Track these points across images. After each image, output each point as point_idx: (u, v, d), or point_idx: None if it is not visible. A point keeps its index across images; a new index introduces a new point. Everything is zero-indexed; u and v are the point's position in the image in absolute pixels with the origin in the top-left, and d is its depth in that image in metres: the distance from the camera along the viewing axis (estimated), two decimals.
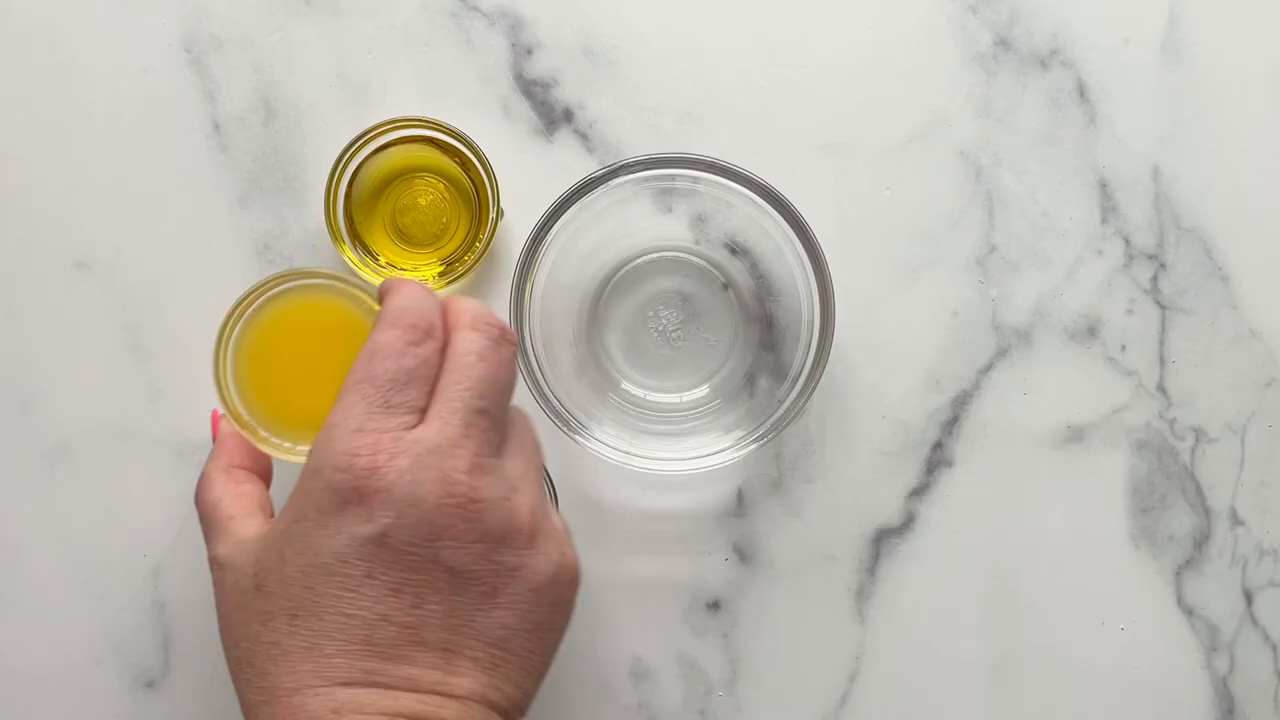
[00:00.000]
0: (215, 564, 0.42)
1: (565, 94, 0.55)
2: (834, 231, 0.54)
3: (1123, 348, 0.55)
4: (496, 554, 0.38)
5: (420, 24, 0.54)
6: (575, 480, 0.54)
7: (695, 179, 0.50)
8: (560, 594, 0.40)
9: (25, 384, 0.54)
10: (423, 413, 0.39)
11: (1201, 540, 0.55)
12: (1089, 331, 0.55)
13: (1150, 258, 0.55)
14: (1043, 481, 0.55)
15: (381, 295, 0.43)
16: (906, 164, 0.55)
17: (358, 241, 0.53)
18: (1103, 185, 0.55)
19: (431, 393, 0.40)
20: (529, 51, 0.54)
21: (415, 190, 0.54)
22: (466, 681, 0.38)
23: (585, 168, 0.53)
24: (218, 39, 0.54)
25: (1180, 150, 0.55)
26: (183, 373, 0.54)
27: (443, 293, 0.54)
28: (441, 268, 0.53)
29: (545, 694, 0.54)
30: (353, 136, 0.52)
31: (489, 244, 0.52)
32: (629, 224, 0.53)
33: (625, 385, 0.55)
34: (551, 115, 0.55)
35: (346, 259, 0.52)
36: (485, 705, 0.39)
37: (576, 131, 0.55)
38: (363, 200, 0.53)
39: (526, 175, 0.54)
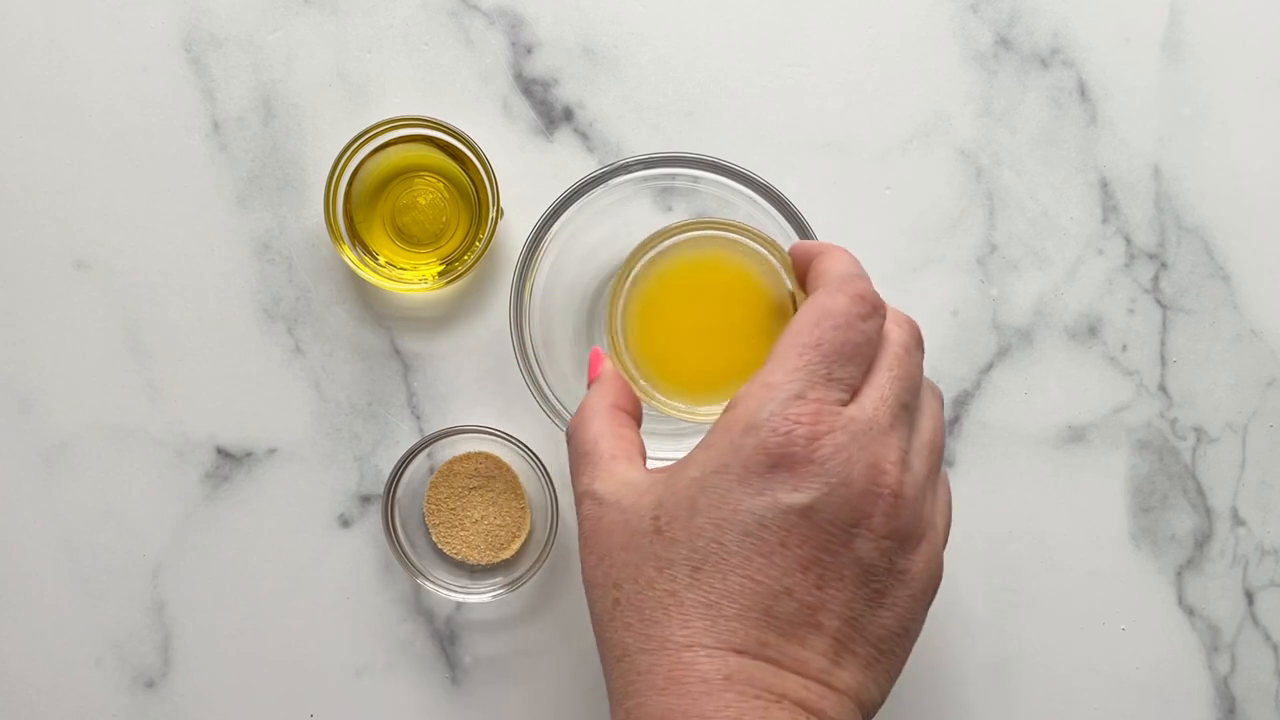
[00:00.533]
0: (592, 498, 0.40)
1: (565, 93, 0.55)
2: (834, 231, 0.54)
3: (1124, 347, 0.55)
4: (897, 554, 0.37)
5: (420, 23, 0.54)
6: None
7: (695, 178, 0.50)
8: (927, 602, 0.39)
9: (25, 384, 0.54)
10: (855, 392, 0.38)
11: (1202, 540, 0.55)
12: (1090, 331, 0.55)
13: (1151, 257, 0.55)
14: (1044, 481, 0.55)
15: (802, 256, 0.42)
16: (907, 163, 0.55)
17: (357, 241, 0.53)
18: (1103, 184, 0.55)
19: (867, 374, 0.39)
20: (529, 50, 0.54)
21: (415, 189, 0.54)
22: (848, 676, 0.37)
23: (585, 167, 0.53)
24: (217, 38, 0.54)
25: (1181, 149, 0.55)
26: (182, 372, 0.54)
27: (443, 292, 0.54)
28: (441, 267, 0.53)
29: (545, 693, 0.54)
30: (352, 136, 0.52)
31: (489, 243, 0.52)
32: (629, 223, 0.53)
33: None
34: (551, 114, 0.54)
35: (346, 258, 0.52)
36: (858, 704, 0.37)
37: (576, 130, 0.54)
38: (362, 199, 0.53)
39: (526, 174, 0.54)
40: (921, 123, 0.55)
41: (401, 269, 0.53)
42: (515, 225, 0.54)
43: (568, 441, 0.42)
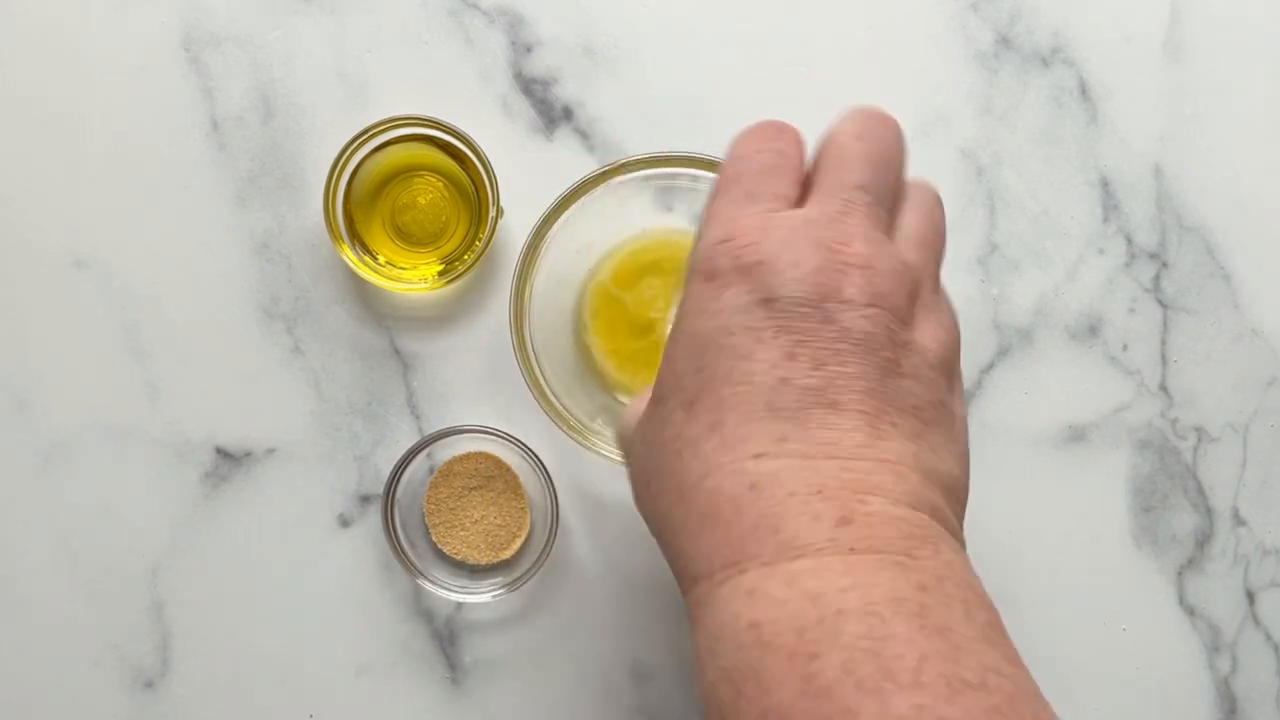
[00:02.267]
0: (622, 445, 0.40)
1: (565, 92, 0.54)
2: None
3: (1124, 347, 0.55)
4: (893, 324, 0.35)
5: (419, 22, 0.54)
6: (576, 479, 0.54)
7: (695, 177, 0.50)
8: (951, 378, 0.37)
9: (23, 383, 0.54)
10: (793, 202, 0.37)
11: (1203, 540, 0.55)
12: (1091, 331, 0.55)
13: (1152, 257, 0.55)
14: (1044, 481, 0.55)
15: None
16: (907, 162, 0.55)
17: (357, 240, 0.53)
18: (1104, 184, 0.55)
19: (800, 184, 0.38)
20: (529, 49, 0.54)
21: (414, 189, 0.53)
22: (895, 445, 0.34)
23: (585, 166, 0.53)
24: (216, 37, 0.54)
25: (1182, 149, 0.55)
26: (181, 372, 0.54)
27: (443, 292, 0.54)
28: (441, 266, 0.53)
29: (544, 693, 0.54)
30: (352, 134, 0.51)
31: (489, 243, 0.51)
32: (629, 222, 0.53)
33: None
34: (551, 113, 0.54)
35: (345, 258, 0.52)
36: (921, 472, 0.34)
37: (576, 129, 0.54)
38: (362, 199, 0.53)
39: (526, 173, 0.54)
40: (922, 122, 0.55)
41: (401, 268, 0.53)
42: (515, 224, 0.54)
43: None
